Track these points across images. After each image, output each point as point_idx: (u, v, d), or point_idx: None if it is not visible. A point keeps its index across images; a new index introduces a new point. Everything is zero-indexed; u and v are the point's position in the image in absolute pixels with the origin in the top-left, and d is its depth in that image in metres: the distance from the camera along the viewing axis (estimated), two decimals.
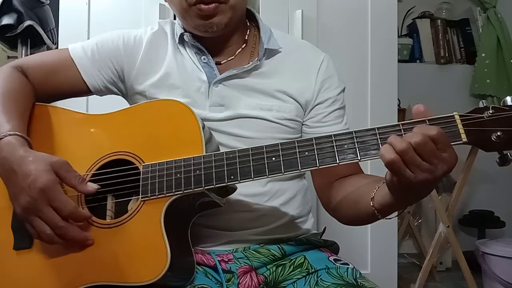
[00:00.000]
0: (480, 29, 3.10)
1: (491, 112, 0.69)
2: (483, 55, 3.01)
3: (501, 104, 0.70)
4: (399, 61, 2.11)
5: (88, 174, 0.87)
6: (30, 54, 2.05)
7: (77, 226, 0.81)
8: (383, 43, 1.95)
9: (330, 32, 1.92)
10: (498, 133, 0.68)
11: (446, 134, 0.69)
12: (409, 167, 0.68)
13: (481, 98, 3.00)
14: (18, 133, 0.84)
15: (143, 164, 0.84)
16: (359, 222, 0.93)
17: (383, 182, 0.79)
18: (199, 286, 0.86)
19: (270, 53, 1.02)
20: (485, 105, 0.71)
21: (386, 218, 0.81)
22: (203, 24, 0.95)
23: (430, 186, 0.71)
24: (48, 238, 0.79)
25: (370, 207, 0.80)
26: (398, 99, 2.10)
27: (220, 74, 0.99)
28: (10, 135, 0.83)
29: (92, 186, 0.83)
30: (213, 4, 0.93)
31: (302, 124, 1.03)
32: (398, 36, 2.86)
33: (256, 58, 1.00)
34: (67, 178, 0.81)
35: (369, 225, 1.89)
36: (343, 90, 1.05)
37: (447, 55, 3.11)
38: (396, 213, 0.81)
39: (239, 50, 1.03)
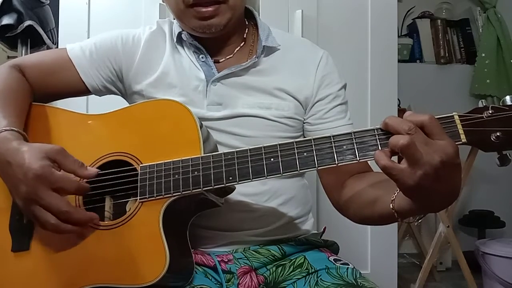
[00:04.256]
0: (480, 29, 3.10)
1: (490, 112, 0.68)
2: (483, 55, 3.01)
3: (501, 104, 0.69)
4: (399, 61, 2.11)
5: None
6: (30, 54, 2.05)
7: (80, 208, 0.81)
8: (383, 43, 1.95)
9: (330, 32, 1.92)
10: (498, 133, 0.67)
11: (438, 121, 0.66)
12: (408, 163, 0.64)
13: (481, 98, 3.00)
14: (14, 129, 0.83)
15: (140, 165, 0.84)
16: (374, 222, 0.89)
17: None
18: (199, 286, 0.86)
19: (269, 50, 1.01)
20: (484, 104, 0.70)
21: (405, 222, 0.78)
22: (200, 25, 0.95)
23: (438, 185, 0.66)
24: (54, 227, 0.77)
25: (389, 209, 0.76)
26: (398, 99, 2.10)
27: (218, 72, 0.98)
28: (6, 130, 0.82)
29: (93, 170, 0.82)
30: (212, 7, 0.92)
31: (304, 122, 1.02)
32: (398, 36, 2.86)
33: (254, 56, 0.99)
34: (66, 163, 0.80)
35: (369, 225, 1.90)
36: (344, 87, 1.05)
37: (447, 55, 3.11)
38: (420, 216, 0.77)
39: (237, 49, 1.03)
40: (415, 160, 0.64)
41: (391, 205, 0.75)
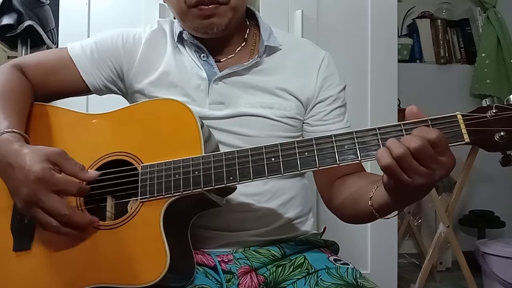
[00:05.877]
0: (480, 29, 3.09)
1: (494, 111, 0.67)
2: (483, 55, 3.01)
3: (505, 103, 0.68)
4: (399, 61, 2.11)
5: None
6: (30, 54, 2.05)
7: (80, 211, 0.81)
8: (383, 43, 1.95)
9: (330, 32, 1.92)
10: (502, 133, 0.67)
11: (446, 136, 0.67)
12: (406, 172, 0.67)
13: (481, 98, 2.99)
14: (15, 130, 0.84)
15: (141, 165, 0.84)
16: (359, 221, 0.93)
17: (382, 182, 0.79)
18: (199, 286, 0.86)
19: (271, 50, 1.01)
20: (488, 104, 0.68)
21: (384, 218, 0.81)
22: (202, 25, 0.95)
23: (428, 189, 0.71)
24: (55, 229, 0.79)
25: (368, 207, 0.80)
26: (398, 99, 2.10)
27: (220, 71, 0.98)
28: (7, 132, 0.83)
29: (93, 173, 0.83)
30: (213, 5, 0.93)
31: (303, 123, 1.02)
32: (398, 36, 2.85)
33: (256, 55, 0.99)
34: (67, 166, 0.80)
35: (369, 225, 1.90)
36: (344, 88, 1.05)
37: (447, 55, 3.11)
38: (395, 213, 0.81)
39: (238, 49, 1.03)
40: (398, 179, 0.69)
41: (369, 202, 0.80)
